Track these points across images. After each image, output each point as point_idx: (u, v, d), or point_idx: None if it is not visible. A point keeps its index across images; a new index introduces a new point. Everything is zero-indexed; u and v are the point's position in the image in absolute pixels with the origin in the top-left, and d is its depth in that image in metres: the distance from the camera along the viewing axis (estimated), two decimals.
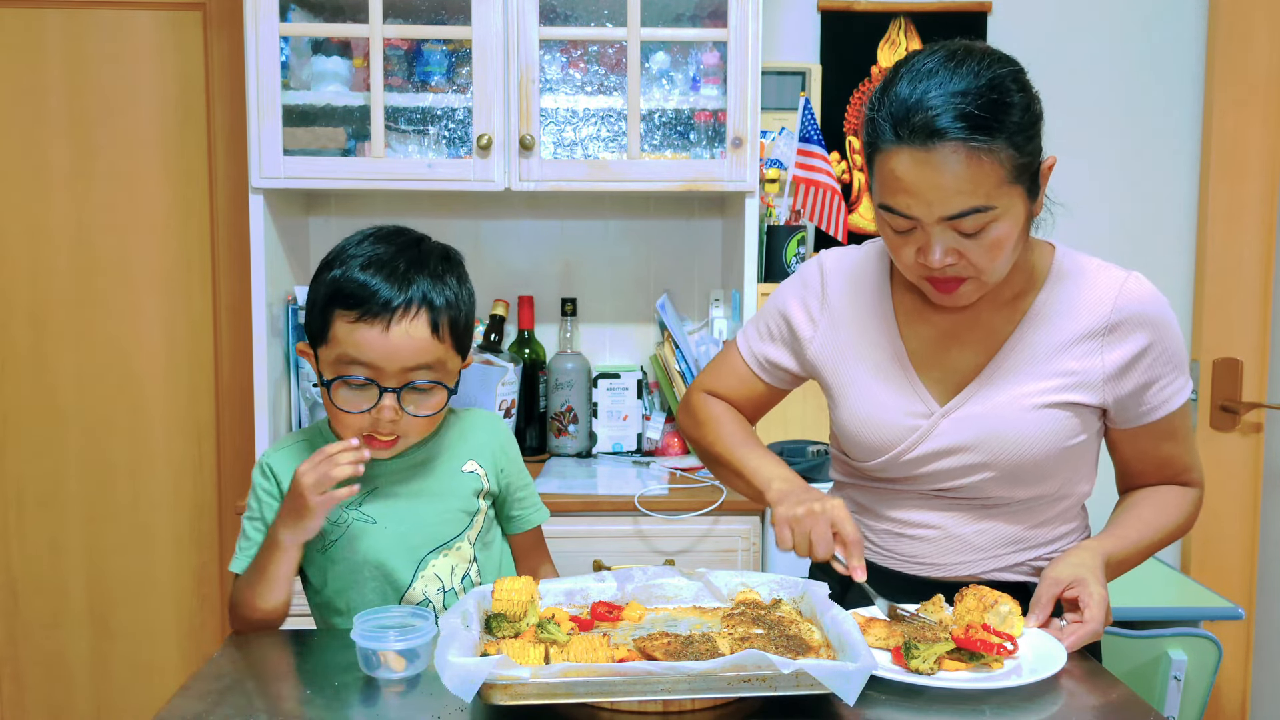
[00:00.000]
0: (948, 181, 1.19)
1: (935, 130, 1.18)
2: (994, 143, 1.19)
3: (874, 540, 1.44)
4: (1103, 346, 1.33)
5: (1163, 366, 1.35)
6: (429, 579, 1.39)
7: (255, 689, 1.17)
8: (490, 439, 1.48)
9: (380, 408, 1.30)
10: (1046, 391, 1.33)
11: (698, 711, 1.05)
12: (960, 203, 1.20)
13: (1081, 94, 2.61)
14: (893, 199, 1.24)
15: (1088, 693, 1.14)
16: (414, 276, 1.32)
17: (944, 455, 1.35)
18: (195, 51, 2.53)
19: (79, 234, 2.55)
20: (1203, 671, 2.16)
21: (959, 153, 1.18)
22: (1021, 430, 1.32)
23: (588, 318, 2.63)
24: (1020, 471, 1.34)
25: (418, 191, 2.41)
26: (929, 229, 1.23)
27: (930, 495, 1.38)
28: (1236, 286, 2.60)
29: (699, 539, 2.12)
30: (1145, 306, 1.33)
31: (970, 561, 1.38)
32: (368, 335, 1.29)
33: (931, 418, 1.35)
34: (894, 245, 1.29)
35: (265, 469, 1.40)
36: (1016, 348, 1.35)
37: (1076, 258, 1.39)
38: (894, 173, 1.22)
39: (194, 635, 2.65)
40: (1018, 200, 1.24)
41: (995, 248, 1.24)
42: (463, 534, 1.42)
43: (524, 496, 1.52)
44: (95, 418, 2.59)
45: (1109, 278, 1.35)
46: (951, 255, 1.24)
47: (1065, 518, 1.41)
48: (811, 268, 1.48)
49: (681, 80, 2.36)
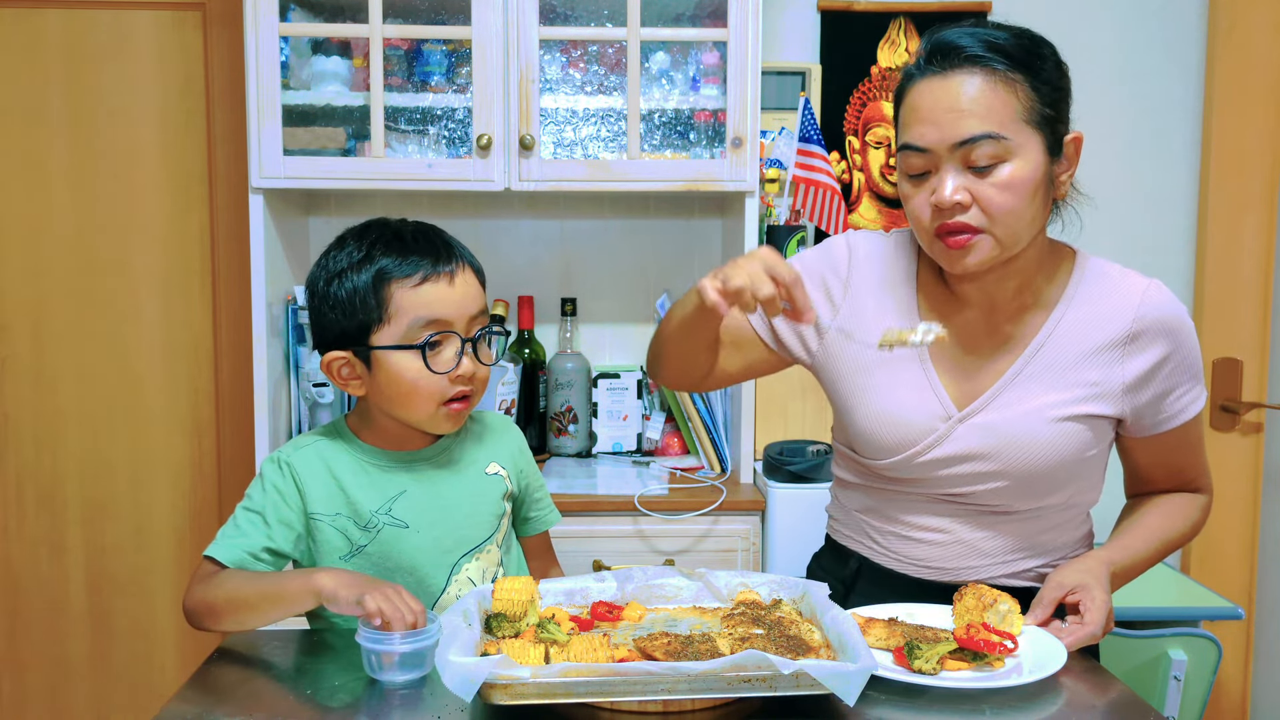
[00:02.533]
0: (963, 104, 1.21)
1: (957, 54, 1.22)
2: (1013, 73, 1.22)
3: (881, 542, 1.42)
4: (1124, 356, 1.31)
5: (1181, 375, 1.34)
6: (462, 583, 1.37)
7: (255, 689, 1.17)
8: (509, 441, 1.49)
9: (462, 361, 1.32)
10: (1066, 403, 1.31)
11: (698, 711, 1.05)
12: (973, 126, 1.21)
13: (1081, 94, 2.59)
14: (909, 133, 1.25)
15: (1088, 693, 1.14)
16: (445, 240, 1.37)
17: (959, 461, 1.33)
18: (195, 51, 2.53)
19: (79, 234, 2.56)
20: (1203, 671, 2.16)
21: (975, 76, 1.22)
22: (1039, 443, 1.30)
23: (588, 318, 2.63)
24: (1033, 482, 1.32)
25: (418, 191, 2.41)
26: (944, 164, 1.23)
27: (939, 499, 1.37)
28: (1236, 286, 2.60)
29: (699, 539, 2.12)
30: (1166, 315, 1.32)
31: (977, 567, 1.37)
32: (437, 291, 1.31)
33: (949, 421, 1.33)
34: (910, 200, 1.28)
35: (283, 466, 1.35)
36: (1039, 355, 1.33)
37: (1098, 263, 1.38)
38: (913, 104, 1.24)
39: (194, 635, 2.65)
40: (1034, 146, 1.24)
41: (1007, 190, 1.22)
42: (492, 537, 1.41)
43: (540, 498, 1.52)
44: (95, 418, 2.59)
45: (1130, 285, 1.33)
46: (962, 193, 1.22)
47: (1072, 525, 1.40)
48: (840, 247, 1.43)
49: (681, 80, 2.36)
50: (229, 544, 1.31)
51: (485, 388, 1.39)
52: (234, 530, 1.33)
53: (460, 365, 1.32)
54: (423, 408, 1.33)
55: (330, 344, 1.35)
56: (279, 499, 1.33)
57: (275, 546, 1.32)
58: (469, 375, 1.33)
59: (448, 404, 1.34)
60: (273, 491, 1.33)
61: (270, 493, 1.33)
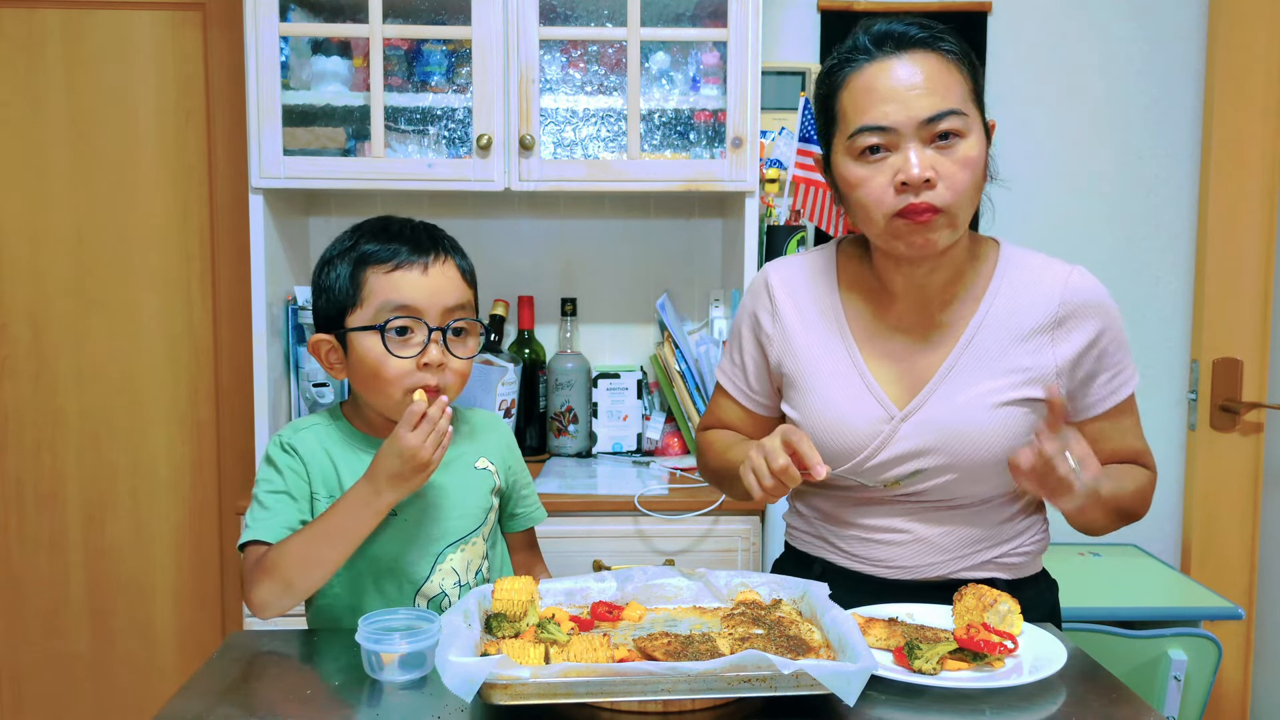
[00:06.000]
0: (926, 83, 1.26)
1: (910, 38, 1.29)
2: (958, 58, 1.29)
3: (842, 546, 1.45)
4: (1053, 340, 1.35)
5: (1111, 357, 1.37)
6: (446, 573, 1.40)
7: (255, 689, 1.17)
8: (498, 438, 1.52)
9: (428, 348, 1.32)
10: (1004, 389, 1.34)
11: (698, 711, 1.05)
12: (937, 103, 1.26)
13: (1081, 93, 2.61)
14: (869, 113, 1.28)
15: (1088, 693, 1.14)
16: (433, 234, 1.39)
17: (907, 459, 1.36)
18: (195, 51, 2.53)
19: (79, 234, 2.55)
20: (1203, 671, 2.16)
21: (930, 59, 1.28)
22: (982, 431, 1.33)
23: (588, 318, 2.63)
24: (981, 471, 1.35)
25: (418, 191, 2.41)
26: (906, 142, 1.26)
27: (894, 500, 1.39)
28: (1236, 286, 2.60)
29: (699, 539, 2.12)
30: (1091, 298, 1.36)
31: (938, 563, 1.39)
32: (408, 277, 1.34)
33: (892, 422, 1.36)
34: (865, 185, 1.30)
35: (287, 447, 1.38)
36: (972, 345, 1.36)
37: (1021, 252, 1.42)
38: (871, 85, 1.28)
39: (194, 635, 2.65)
40: (979, 127, 1.30)
41: (966, 166, 1.27)
42: (478, 530, 1.43)
43: (527, 495, 1.55)
44: (95, 418, 2.59)
45: (1054, 272, 1.38)
46: (929, 170, 1.26)
47: (1026, 512, 1.43)
48: (759, 281, 1.50)
49: (681, 80, 2.36)
50: (267, 524, 1.33)
51: (462, 383, 1.38)
52: (265, 513, 1.35)
53: (427, 353, 1.32)
54: (388, 392, 1.34)
55: (320, 329, 1.40)
56: (295, 477, 1.37)
57: (307, 519, 1.35)
58: (436, 364, 1.33)
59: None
60: (288, 471, 1.37)
61: (286, 472, 1.37)
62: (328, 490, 1.37)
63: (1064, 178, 2.63)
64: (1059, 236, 2.62)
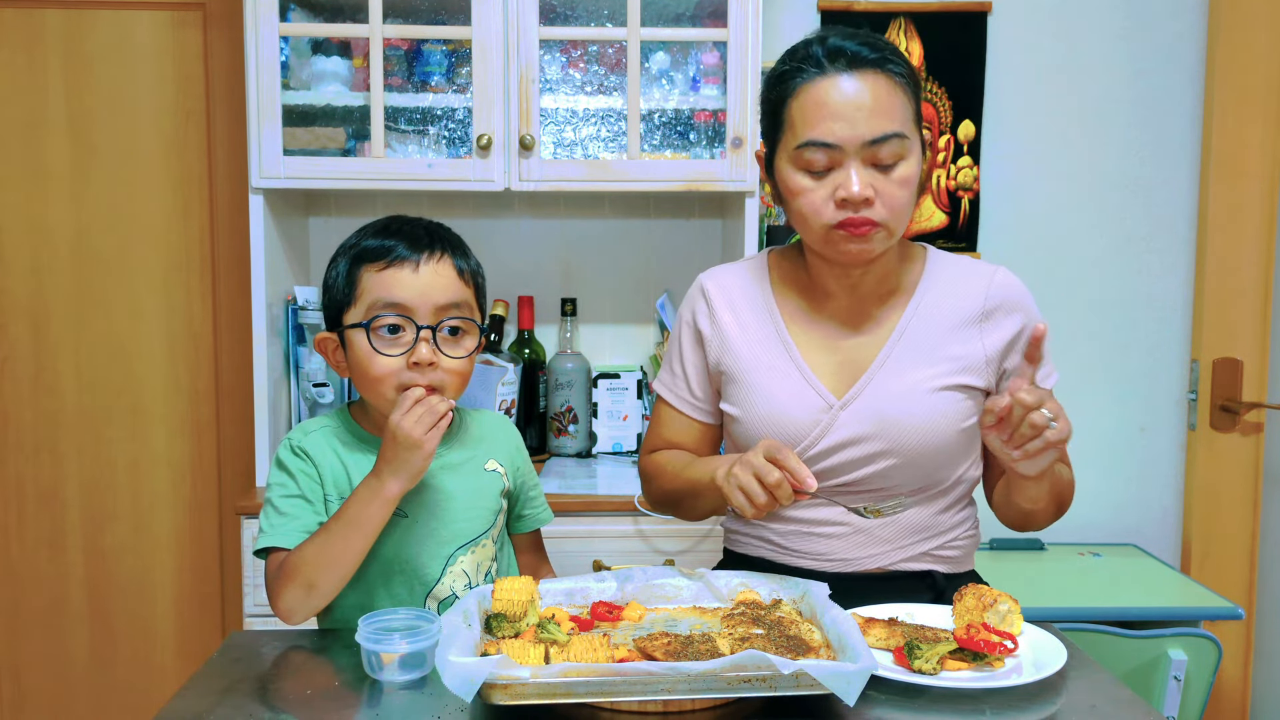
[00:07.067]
0: (873, 105, 1.30)
1: (861, 58, 1.32)
2: (904, 81, 1.35)
3: (782, 542, 1.46)
4: (981, 332, 1.41)
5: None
6: (457, 574, 1.39)
7: (255, 689, 1.17)
8: (506, 440, 1.52)
9: (417, 346, 1.31)
10: (939, 376, 1.39)
11: (698, 711, 1.05)
12: (882, 125, 1.30)
13: (1081, 94, 2.61)
14: (817, 128, 1.31)
15: (1088, 693, 1.14)
16: (434, 232, 1.38)
17: (846, 446, 1.39)
18: (195, 51, 2.53)
19: (79, 234, 2.55)
20: (1203, 671, 2.16)
21: (879, 81, 1.31)
22: (919, 415, 1.38)
23: (588, 318, 2.63)
24: (920, 457, 1.38)
25: (418, 191, 2.41)
26: (849, 160, 1.30)
27: (835, 491, 1.41)
28: (1236, 286, 2.60)
29: (699, 539, 2.12)
30: (1013, 295, 1.43)
31: (878, 554, 1.43)
32: (398, 275, 1.33)
33: (831, 411, 1.40)
34: (806, 195, 1.34)
35: (299, 450, 1.37)
36: (905, 336, 1.41)
37: (947, 255, 1.50)
38: (821, 100, 1.31)
39: (194, 635, 2.65)
40: (918, 146, 1.35)
41: (904, 186, 1.32)
42: (487, 531, 1.43)
43: (534, 496, 1.55)
44: (95, 418, 2.59)
45: (979, 271, 1.46)
46: (869, 189, 1.30)
47: (961, 504, 1.47)
48: (694, 290, 1.55)
49: (681, 80, 2.36)
50: (284, 529, 1.33)
51: (461, 382, 1.36)
52: (281, 519, 1.34)
53: (416, 351, 1.31)
54: (378, 390, 1.33)
55: (327, 327, 1.41)
56: (309, 480, 1.36)
57: (324, 520, 1.34)
58: (425, 363, 1.31)
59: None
60: (301, 475, 1.36)
61: (299, 476, 1.36)
62: (339, 491, 1.37)
63: (1064, 178, 2.63)
64: (1058, 236, 2.62)
